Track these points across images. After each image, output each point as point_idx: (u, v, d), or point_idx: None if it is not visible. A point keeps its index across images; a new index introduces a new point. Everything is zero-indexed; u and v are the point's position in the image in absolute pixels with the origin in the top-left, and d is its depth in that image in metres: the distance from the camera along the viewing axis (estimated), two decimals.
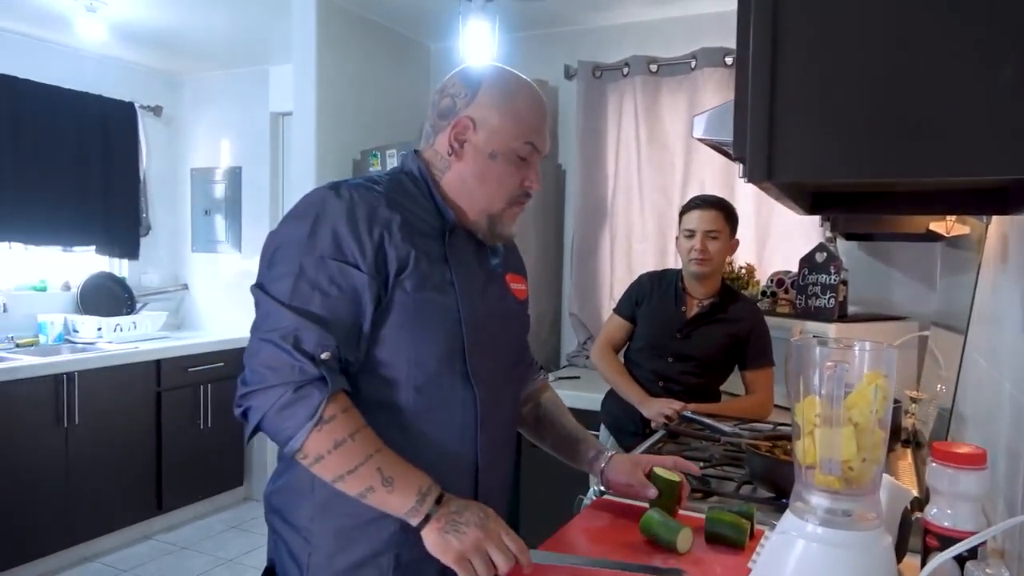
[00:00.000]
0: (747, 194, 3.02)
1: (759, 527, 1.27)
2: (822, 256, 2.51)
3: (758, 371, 2.26)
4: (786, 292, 2.76)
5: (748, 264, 2.96)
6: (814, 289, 2.51)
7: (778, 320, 2.54)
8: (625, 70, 3.23)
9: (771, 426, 2.06)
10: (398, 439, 1.09)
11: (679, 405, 2.11)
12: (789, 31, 0.72)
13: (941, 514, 1.04)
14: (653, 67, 3.17)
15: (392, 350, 1.12)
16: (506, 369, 1.28)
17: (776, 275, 2.84)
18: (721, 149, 1.45)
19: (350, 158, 3.28)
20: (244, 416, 1.07)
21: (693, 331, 2.25)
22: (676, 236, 2.34)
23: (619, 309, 2.42)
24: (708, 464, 1.68)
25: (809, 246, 2.74)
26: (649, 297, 2.35)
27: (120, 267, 4.24)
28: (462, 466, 1.18)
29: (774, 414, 2.31)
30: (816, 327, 2.42)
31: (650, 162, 3.21)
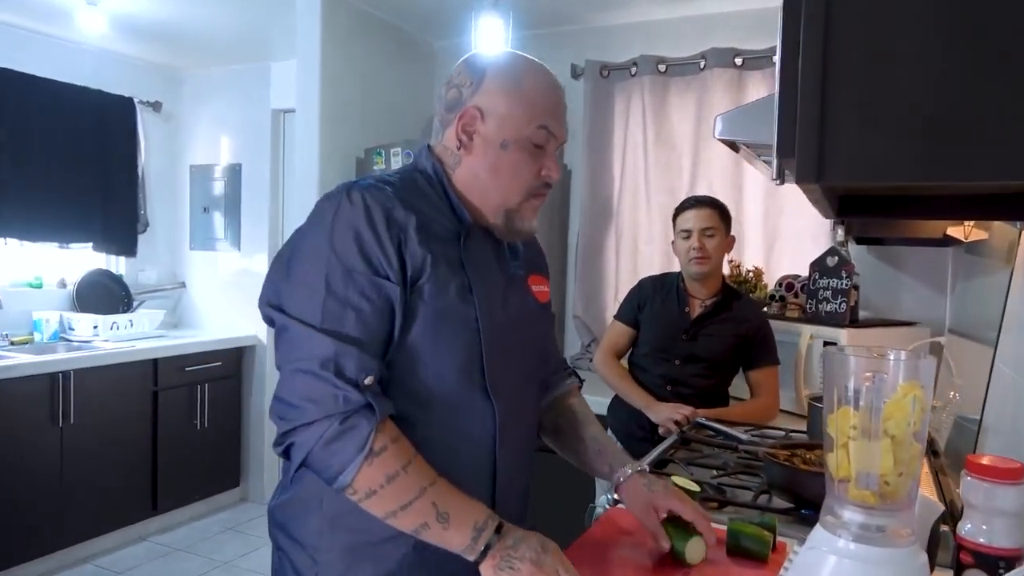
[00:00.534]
0: (755, 196, 2.99)
1: (780, 539, 1.23)
2: (833, 260, 2.48)
3: (764, 370, 2.24)
4: (795, 296, 2.73)
5: (756, 267, 2.93)
6: (825, 294, 2.48)
7: (787, 324, 2.51)
8: (633, 70, 3.19)
9: (783, 432, 2.02)
10: None
11: (688, 410, 2.08)
12: (843, 20, 0.68)
13: (976, 530, 1.00)
14: (661, 67, 3.13)
15: (407, 362, 1.06)
16: (527, 377, 1.23)
17: (785, 279, 2.81)
18: (742, 149, 1.41)
19: (354, 156, 3.24)
20: (286, 454, 0.99)
21: (699, 332, 2.23)
22: (672, 240, 2.33)
23: (620, 315, 2.40)
24: (723, 472, 1.64)
25: (818, 250, 2.71)
26: (651, 301, 2.33)
27: (117, 264, 4.18)
28: (480, 478, 1.13)
29: (783, 420, 2.28)
30: (827, 332, 2.39)
31: (657, 163, 3.17)
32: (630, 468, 1.27)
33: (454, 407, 1.09)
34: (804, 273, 2.68)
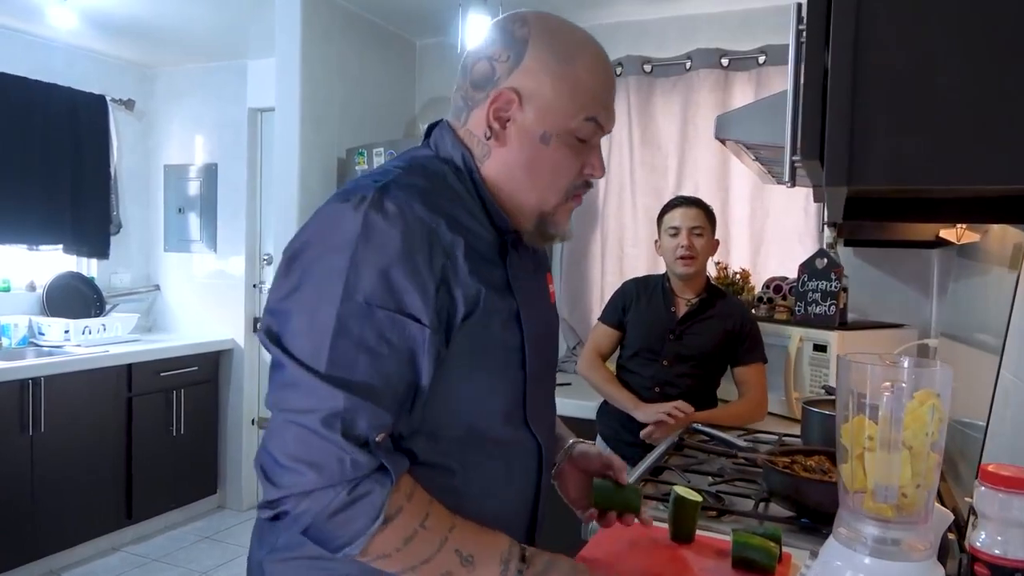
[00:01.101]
0: (742, 197, 2.98)
1: (785, 550, 1.20)
2: (822, 262, 2.46)
3: (751, 367, 2.23)
4: (783, 298, 2.72)
5: (743, 269, 2.91)
6: (814, 296, 2.46)
7: (776, 327, 2.49)
8: (618, 70, 3.16)
9: (776, 437, 2.00)
10: (449, 503, 0.88)
11: (671, 406, 2.06)
12: (875, 12, 0.64)
13: (991, 541, 0.97)
14: (647, 67, 3.11)
15: (443, 406, 0.89)
16: (549, 396, 1.09)
17: (772, 280, 2.80)
18: (743, 151, 1.38)
19: (335, 156, 3.17)
20: (275, 519, 0.81)
21: (685, 330, 2.22)
22: (656, 240, 2.31)
23: (605, 317, 2.37)
24: (720, 479, 1.61)
25: (805, 251, 2.70)
26: (636, 302, 2.31)
27: (89, 267, 4.07)
28: (520, 518, 1.01)
29: (774, 424, 2.27)
30: (817, 335, 2.37)
31: (643, 164, 3.15)
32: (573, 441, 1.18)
33: (498, 448, 0.95)
34: (791, 275, 2.66)
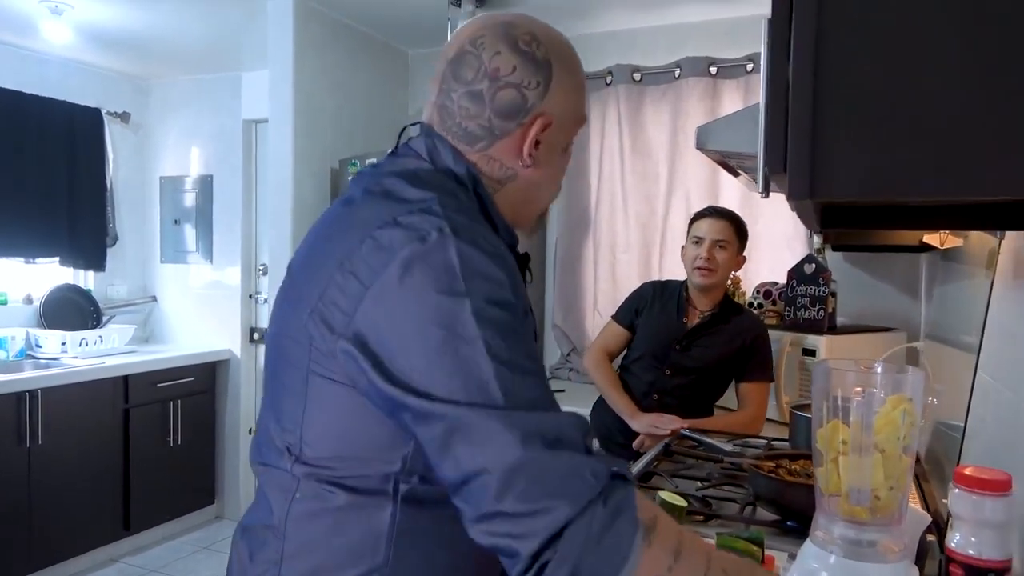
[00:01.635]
0: (731, 204, 2.99)
1: (768, 552, 1.22)
2: (811, 267, 2.49)
3: (754, 384, 2.22)
4: (773, 304, 2.74)
5: (734, 275, 2.93)
6: (803, 301, 2.49)
7: None
8: (608, 79, 3.19)
9: (765, 441, 2.02)
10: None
11: (667, 419, 2.07)
12: (835, 19, 0.65)
13: (965, 542, 1.00)
14: (637, 76, 3.14)
15: None
16: None
17: (762, 286, 2.82)
18: (725, 163, 1.40)
19: (328, 167, 3.20)
20: (526, 571, 0.70)
21: (692, 343, 2.21)
22: (683, 245, 2.30)
23: (618, 316, 2.37)
24: (708, 484, 1.63)
25: (794, 257, 2.73)
26: (650, 307, 2.30)
27: (85, 279, 4.09)
28: None
29: (764, 428, 2.28)
30: (806, 339, 2.39)
31: (634, 172, 3.18)
32: None
33: None
34: (781, 280, 2.69)
